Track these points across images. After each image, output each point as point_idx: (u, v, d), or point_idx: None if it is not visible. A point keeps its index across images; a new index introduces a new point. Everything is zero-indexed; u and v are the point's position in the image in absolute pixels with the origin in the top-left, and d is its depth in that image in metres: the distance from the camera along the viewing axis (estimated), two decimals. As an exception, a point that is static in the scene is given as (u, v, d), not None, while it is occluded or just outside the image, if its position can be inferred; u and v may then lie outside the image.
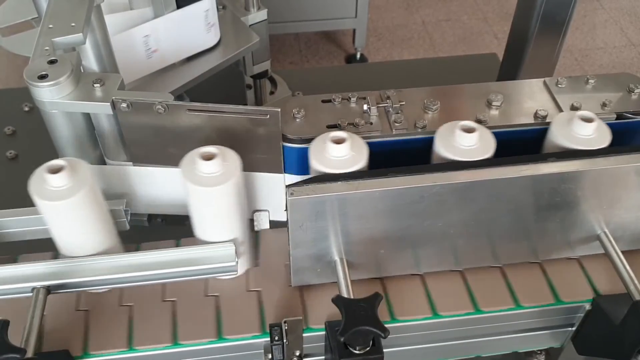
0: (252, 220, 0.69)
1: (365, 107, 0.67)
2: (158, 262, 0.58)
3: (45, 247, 0.63)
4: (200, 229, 0.61)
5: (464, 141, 0.60)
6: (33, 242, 0.63)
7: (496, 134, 0.62)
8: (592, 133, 0.61)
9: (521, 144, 0.65)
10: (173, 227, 0.66)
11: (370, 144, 0.60)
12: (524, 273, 0.66)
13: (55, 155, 0.66)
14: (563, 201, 0.59)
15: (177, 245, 0.65)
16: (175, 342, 0.60)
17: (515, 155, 0.58)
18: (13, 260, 0.65)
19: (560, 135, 0.62)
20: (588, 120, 0.61)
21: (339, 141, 0.58)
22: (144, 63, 0.79)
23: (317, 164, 0.58)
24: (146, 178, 0.66)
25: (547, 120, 0.66)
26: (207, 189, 0.56)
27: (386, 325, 0.52)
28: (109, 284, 0.59)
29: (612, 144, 0.61)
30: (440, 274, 0.66)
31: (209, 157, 0.56)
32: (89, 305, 0.63)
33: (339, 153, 0.58)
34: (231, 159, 0.58)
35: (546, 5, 0.93)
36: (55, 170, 0.54)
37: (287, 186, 0.55)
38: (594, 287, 0.64)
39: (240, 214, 0.61)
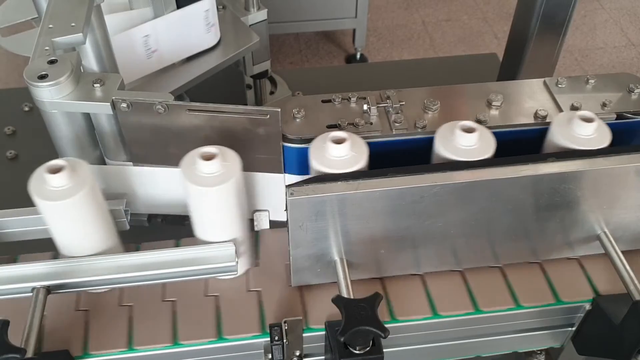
0: (252, 220, 0.69)
1: (365, 107, 0.67)
2: (158, 262, 0.58)
3: (45, 247, 0.63)
4: (201, 229, 0.61)
5: (464, 141, 0.60)
6: (33, 242, 0.63)
7: (496, 134, 0.62)
8: (593, 133, 0.61)
9: (521, 144, 0.65)
10: (173, 227, 0.66)
11: (370, 144, 0.60)
12: (524, 273, 0.66)
13: (55, 155, 0.66)
14: (563, 201, 0.59)
15: (177, 245, 0.65)
16: (175, 342, 0.60)
17: (515, 155, 0.58)
18: (13, 260, 0.65)
19: (561, 135, 0.62)
20: (588, 120, 0.61)
21: (339, 141, 0.58)
22: (143, 63, 0.78)
23: (317, 164, 0.58)
24: (146, 178, 0.66)
25: (547, 120, 0.66)
26: (207, 189, 0.56)
27: (386, 325, 0.52)
28: (109, 284, 0.59)
29: (612, 144, 0.61)
30: (441, 274, 0.66)
31: (209, 157, 0.56)
32: (89, 305, 0.63)
33: (339, 153, 0.58)
34: (231, 158, 0.58)
35: (546, 5, 0.93)
36: (55, 170, 0.54)
37: (287, 186, 0.55)
38: (593, 287, 0.64)
39: (240, 214, 0.61)
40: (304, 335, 0.61)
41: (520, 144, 0.65)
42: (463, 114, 0.68)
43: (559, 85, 0.71)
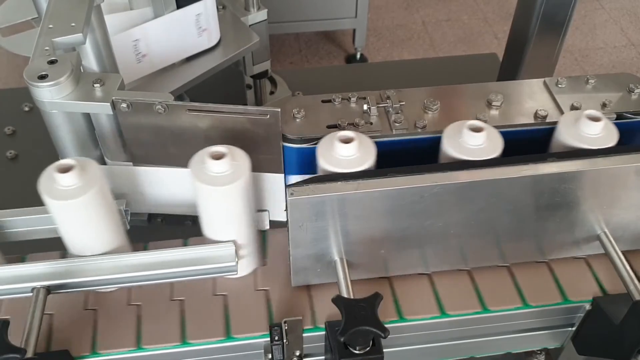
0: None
1: (365, 107, 0.67)
2: (157, 262, 0.58)
3: (50, 247, 0.64)
4: (209, 228, 0.61)
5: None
6: (39, 241, 0.63)
7: (496, 134, 0.62)
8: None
9: (521, 144, 0.65)
10: (173, 227, 0.66)
11: (370, 144, 0.60)
12: (532, 272, 0.66)
13: (55, 155, 0.66)
14: (563, 201, 0.59)
15: (185, 245, 0.65)
16: (184, 341, 0.60)
17: (515, 156, 0.58)
18: (21, 259, 0.64)
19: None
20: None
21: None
22: (134, 67, 0.78)
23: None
24: (147, 178, 0.66)
25: (548, 120, 0.66)
26: (217, 188, 0.56)
27: (394, 325, 0.51)
28: (109, 284, 0.59)
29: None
30: (448, 274, 0.65)
31: (219, 157, 0.56)
32: (97, 304, 0.63)
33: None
34: (240, 158, 0.58)
35: (546, 5, 0.93)
36: (66, 170, 0.54)
37: (287, 186, 0.55)
38: (601, 287, 0.64)
39: (249, 213, 0.60)
40: (304, 335, 0.61)
41: (520, 144, 0.65)
42: (463, 114, 0.68)
43: (559, 85, 0.71)
